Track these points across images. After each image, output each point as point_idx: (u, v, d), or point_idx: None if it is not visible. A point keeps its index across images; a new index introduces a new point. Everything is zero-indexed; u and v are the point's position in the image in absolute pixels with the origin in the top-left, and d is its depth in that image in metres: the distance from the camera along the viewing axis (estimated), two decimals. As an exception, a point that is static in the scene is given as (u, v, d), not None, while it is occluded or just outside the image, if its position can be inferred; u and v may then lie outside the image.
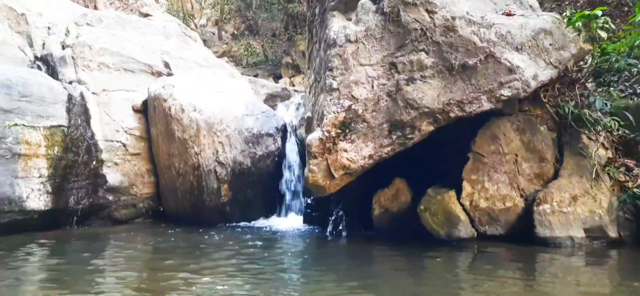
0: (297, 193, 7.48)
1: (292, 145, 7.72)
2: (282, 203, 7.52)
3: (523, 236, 5.13)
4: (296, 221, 7.14)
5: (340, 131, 5.19)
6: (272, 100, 10.07)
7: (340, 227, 6.23)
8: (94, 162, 6.93)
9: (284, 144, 7.68)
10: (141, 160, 7.55)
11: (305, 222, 7.02)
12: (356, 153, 5.18)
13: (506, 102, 5.13)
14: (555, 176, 5.42)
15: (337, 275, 4.11)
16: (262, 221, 7.23)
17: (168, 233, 6.39)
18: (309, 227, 6.79)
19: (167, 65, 8.56)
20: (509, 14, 5.37)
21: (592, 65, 5.77)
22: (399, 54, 5.17)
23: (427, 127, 5.11)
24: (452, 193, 5.41)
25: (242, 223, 7.09)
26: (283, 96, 10.52)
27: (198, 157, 7.01)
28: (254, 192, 7.29)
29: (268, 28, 18.50)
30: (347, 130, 5.18)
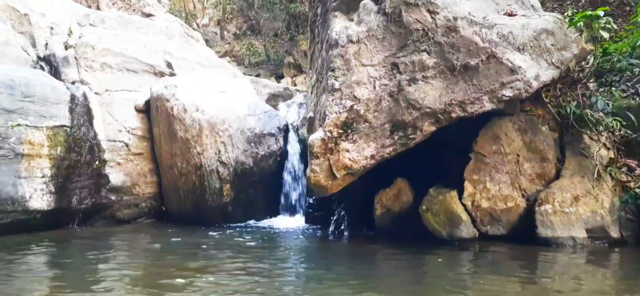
0: (299, 193, 7.50)
1: (294, 145, 7.73)
2: (284, 203, 7.54)
3: (525, 237, 5.14)
4: (298, 221, 7.16)
5: (342, 131, 5.20)
6: (274, 100, 10.10)
7: (342, 227, 6.25)
8: (96, 162, 6.96)
9: (286, 144, 7.70)
10: (143, 160, 7.57)
11: (307, 221, 7.04)
12: (358, 154, 5.19)
13: (508, 102, 5.13)
14: (557, 176, 5.42)
15: (338, 275, 4.12)
16: (264, 221, 7.25)
17: (170, 233, 6.40)
18: (310, 227, 6.80)
19: (169, 65, 8.58)
20: (511, 14, 5.37)
21: (594, 65, 5.76)
22: (400, 55, 5.17)
23: (428, 127, 5.12)
24: (453, 193, 5.42)
25: (244, 223, 7.11)
26: (285, 96, 10.55)
27: (200, 157, 7.03)
28: (256, 191, 7.31)
29: (270, 28, 18.51)
30: (349, 131, 5.19)
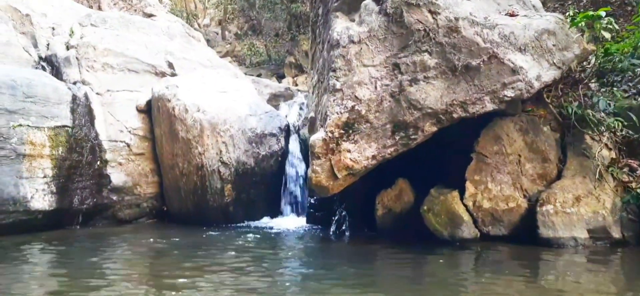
0: (300, 193, 7.50)
1: (295, 145, 7.74)
2: (286, 203, 7.54)
3: (526, 237, 5.13)
4: (299, 221, 7.16)
5: (343, 132, 5.20)
6: (275, 100, 10.08)
7: (343, 227, 6.24)
8: (98, 162, 6.97)
9: (287, 144, 7.70)
10: (145, 160, 7.58)
11: (309, 222, 7.04)
12: (359, 154, 5.19)
13: (509, 103, 5.12)
14: (558, 176, 5.41)
15: (340, 276, 4.12)
16: (266, 221, 7.26)
17: (171, 233, 6.41)
18: (312, 227, 6.80)
19: (170, 65, 8.59)
20: (512, 15, 5.36)
21: (596, 66, 5.75)
22: (402, 55, 5.17)
23: (430, 128, 5.11)
24: (455, 194, 5.41)
25: (245, 223, 7.11)
26: (286, 96, 10.54)
27: (201, 157, 7.03)
28: (257, 191, 7.32)
29: (271, 28, 18.51)
30: (351, 131, 5.19)
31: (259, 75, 14.85)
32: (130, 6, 11.22)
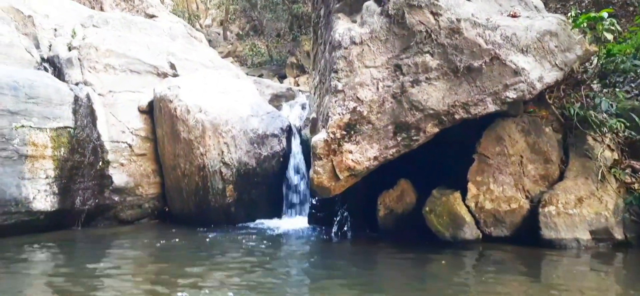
0: (302, 194, 7.50)
1: (297, 146, 7.73)
2: (287, 203, 7.54)
3: (528, 238, 5.12)
4: (301, 221, 7.15)
5: (345, 132, 5.20)
6: (277, 101, 10.09)
7: (345, 228, 6.24)
8: (100, 163, 6.97)
9: (289, 145, 7.70)
10: (147, 161, 7.59)
11: (310, 222, 7.03)
12: (361, 155, 5.19)
13: (511, 104, 5.12)
14: (560, 178, 5.40)
15: (342, 277, 4.12)
16: (267, 221, 7.25)
17: (173, 234, 6.41)
18: (313, 228, 6.80)
19: (172, 66, 8.60)
20: (514, 16, 5.35)
21: (598, 66, 5.74)
22: (403, 56, 5.17)
23: (432, 129, 5.11)
24: (457, 195, 5.41)
25: (247, 224, 7.11)
26: (288, 96, 10.54)
27: (203, 158, 7.04)
28: (259, 192, 7.32)
29: (273, 28, 18.53)
30: (352, 132, 5.19)
31: (260, 76, 14.86)
32: (132, 7, 11.24)
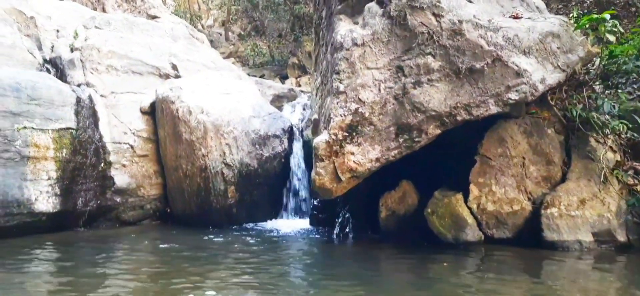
0: (303, 195, 7.50)
1: (298, 147, 7.73)
2: (289, 204, 7.54)
3: (531, 240, 5.12)
4: (302, 223, 7.16)
5: (347, 134, 5.19)
6: (278, 101, 10.09)
7: (346, 229, 6.23)
8: (102, 164, 6.98)
9: (291, 145, 7.69)
10: (148, 162, 7.59)
11: (312, 223, 7.03)
12: (363, 156, 5.19)
13: (513, 106, 5.11)
14: (563, 179, 5.39)
15: (343, 279, 4.11)
16: (269, 222, 7.26)
17: (175, 235, 6.42)
18: (315, 229, 6.80)
19: (174, 67, 8.60)
20: (516, 17, 5.35)
21: (600, 68, 5.72)
22: (405, 58, 5.16)
23: (434, 130, 5.11)
24: (459, 196, 5.40)
25: (248, 225, 7.11)
26: (289, 97, 10.54)
27: (205, 159, 7.04)
28: (260, 193, 7.32)
29: (274, 29, 18.53)
30: (354, 133, 5.19)
31: (262, 76, 14.86)
32: (134, 8, 11.25)
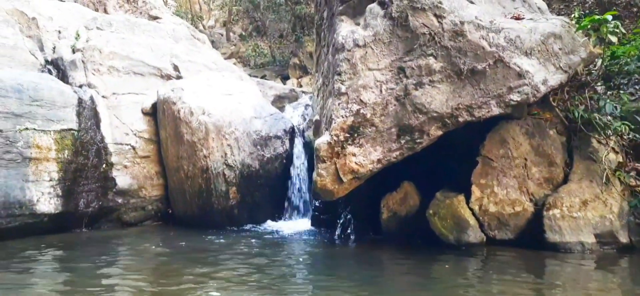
0: (305, 196, 7.50)
1: (300, 148, 7.73)
2: (290, 205, 7.54)
3: (533, 241, 5.10)
4: (304, 224, 7.15)
5: (348, 135, 5.19)
6: (279, 102, 10.10)
7: (348, 231, 6.22)
8: (103, 165, 6.99)
9: (292, 146, 7.70)
10: (150, 163, 7.60)
11: (313, 225, 7.03)
12: (365, 158, 5.18)
13: (515, 107, 5.10)
14: (565, 180, 5.38)
15: (345, 280, 4.11)
16: (270, 223, 7.26)
17: (177, 236, 6.42)
18: (316, 230, 6.79)
19: (176, 68, 8.60)
20: (518, 18, 5.34)
21: (602, 68, 5.72)
22: (407, 59, 5.16)
23: (435, 132, 5.10)
24: (461, 198, 5.40)
25: (250, 226, 7.11)
26: (291, 97, 10.55)
27: (206, 160, 7.04)
28: (262, 194, 7.32)
29: (275, 29, 18.54)
30: (356, 135, 5.19)
31: (263, 77, 14.87)
32: (136, 9, 11.26)
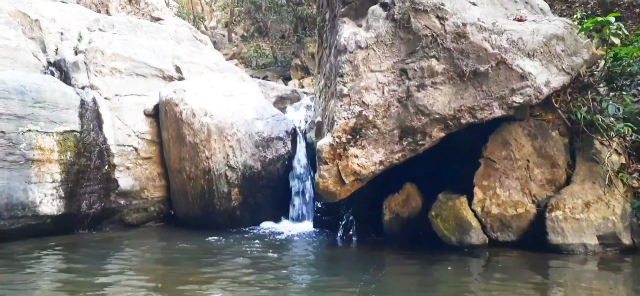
0: (307, 198, 7.50)
1: (301, 149, 7.73)
2: (292, 207, 7.54)
3: (535, 243, 5.10)
4: (306, 225, 7.16)
5: (350, 137, 5.19)
6: (281, 103, 10.10)
7: (350, 232, 6.23)
8: (106, 167, 7.00)
9: (294, 148, 7.70)
10: (152, 164, 7.61)
11: (315, 226, 7.03)
12: (367, 159, 5.18)
13: (518, 108, 5.10)
14: (567, 182, 5.37)
15: (347, 282, 4.11)
16: (272, 225, 7.26)
17: (179, 237, 6.42)
18: (318, 231, 6.80)
19: (178, 69, 8.62)
20: (521, 20, 5.33)
21: (605, 70, 5.71)
22: (409, 60, 5.16)
23: (438, 133, 5.10)
24: (463, 199, 5.39)
25: (252, 227, 7.12)
26: (292, 98, 10.55)
27: (209, 161, 7.05)
28: (264, 195, 7.32)
29: (277, 30, 18.55)
30: (358, 136, 5.19)
31: (265, 78, 14.88)
32: (138, 10, 11.27)
